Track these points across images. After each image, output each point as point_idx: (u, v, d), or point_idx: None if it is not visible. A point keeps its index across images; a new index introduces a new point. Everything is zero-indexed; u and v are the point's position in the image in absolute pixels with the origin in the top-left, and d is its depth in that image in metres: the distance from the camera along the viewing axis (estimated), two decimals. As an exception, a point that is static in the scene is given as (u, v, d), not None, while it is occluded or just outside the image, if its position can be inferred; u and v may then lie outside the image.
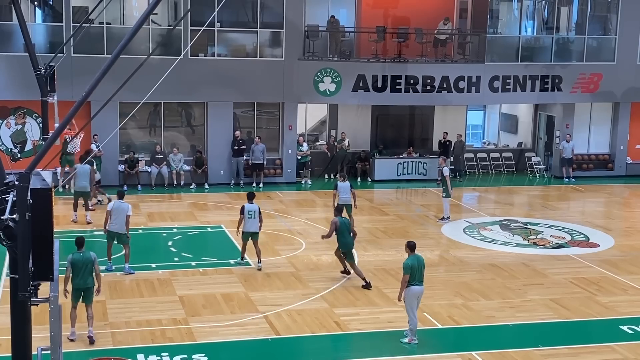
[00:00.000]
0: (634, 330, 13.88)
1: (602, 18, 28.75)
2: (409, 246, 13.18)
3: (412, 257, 13.02)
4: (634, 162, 28.79)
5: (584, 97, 27.84)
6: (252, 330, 13.49)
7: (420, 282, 13.02)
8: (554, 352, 12.93)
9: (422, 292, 13.12)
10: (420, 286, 13.03)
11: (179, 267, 16.93)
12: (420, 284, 13.01)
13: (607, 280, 16.61)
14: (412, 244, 13.22)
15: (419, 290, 13.02)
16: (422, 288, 13.10)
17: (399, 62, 26.28)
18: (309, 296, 15.24)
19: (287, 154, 26.09)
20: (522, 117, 30.06)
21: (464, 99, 27.10)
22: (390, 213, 22.56)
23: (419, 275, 12.95)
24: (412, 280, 12.87)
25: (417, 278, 12.92)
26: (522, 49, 27.47)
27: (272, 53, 25.93)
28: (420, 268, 12.99)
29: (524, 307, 14.95)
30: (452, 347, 13.07)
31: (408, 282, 12.84)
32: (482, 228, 20.99)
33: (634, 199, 25.55)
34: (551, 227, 21.15)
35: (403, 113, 28.34)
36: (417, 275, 12.93)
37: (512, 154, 29.34)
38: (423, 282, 13.09)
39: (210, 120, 25.48)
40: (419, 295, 13.05)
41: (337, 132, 27.60)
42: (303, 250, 18.48)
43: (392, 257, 18.07)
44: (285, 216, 21.82)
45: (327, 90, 25.79)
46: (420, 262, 13.03)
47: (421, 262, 13.05)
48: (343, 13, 27.92)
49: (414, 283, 12.90)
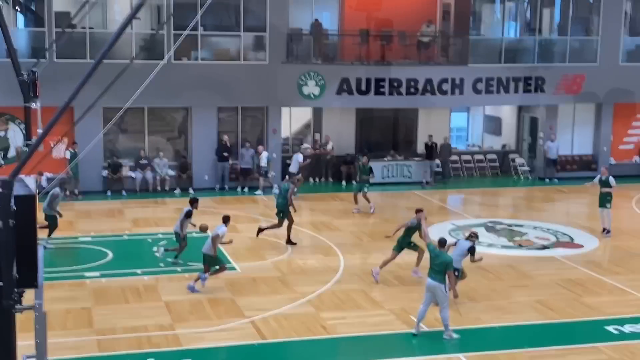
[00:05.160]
0: (619, 330, 13.94)
1: (584, 19, 28.93)
2: (439, 242, 13.56)
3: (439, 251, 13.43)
4: (617, 162, 28.97)
5: (567, 99, 27.99)
6: (239, 336, 13.44)
7: (430, 276, 13.28)
8: (541, 353, 12.97)
9: (429, 286, 13.35)
10: (432, 281, 13.25)
11: (164, 273, 16.84)
12: (429, 278, 13.28)
13: (592, 281, 16.68)
14: (440, 240, 13.61)
15: (429, 284, 13.32)
16: (430, 282, 13.30)
17: (383, 65, 26.32)
18: (296, 300, 15.20)
19: (272, 158, 26.04)
20: (505, 118, 30.18)
21: (447, 101, 27.17)
22: (375, 216, 22.55)
23: (433, 271, 13.26)
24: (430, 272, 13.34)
25: (432, 273, 13.30)
26: (505, 50, 27.57)
27: (256, 57, 25.89)
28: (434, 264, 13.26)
29: (510, 309, 14.99)
30: (439, 350, 13.08)
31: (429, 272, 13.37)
32: (466, 230, 21.00)
33: (618, 199, 25.63)
34: (536, 229, 21.24)
35: (387, 116, 28.39)
36: (432, 270, 13.28)
37: (496, 156, 29.44)
38: (434, 277, 13.24)
39: (194, 124, 25.41)
40: (430, 288, 13.32)
41: (321, 135, 27.60)
42: (289, 255, 18.44)
43: (378, 260, 18.02)
44: (270, 220, 21.76)
45: (311, 94, 25.79)
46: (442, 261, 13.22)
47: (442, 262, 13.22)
48: (326, 16, 27.93)
49: (430, 276, 13.32)
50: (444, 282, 13.22)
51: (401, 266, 17.54)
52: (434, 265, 13.32)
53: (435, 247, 13.51)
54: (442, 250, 13.51)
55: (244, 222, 21.51)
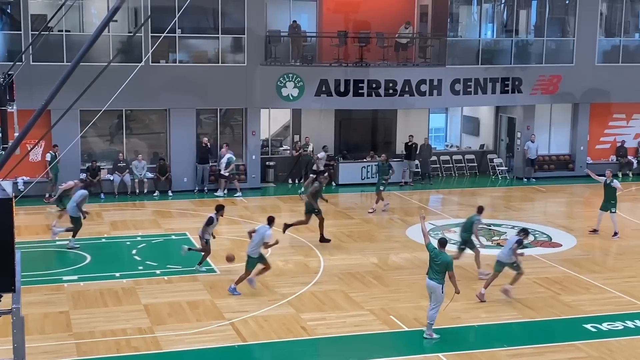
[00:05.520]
0: (597, 328, 14.07)
1: (560, 20, 29.18)
2: (439, 242, 13.62)
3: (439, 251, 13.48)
4: (594, 162, 29.23)
5: (544, 99, 28.21)
6: (219, 338, 13.42)
7: (436, 279, 13.34)
8: (520, 351, 13.06)
9: (428, 286, 13.49)
10: (435, 283, 13.35)
11: (143, 276, 16.78)
12: (435, 281, 13.34)
13: (570, 280, 16.82)
14: (440, 240, 13.66)
15: (432, 285, 13.39)
16: (428, 282, 13.44)
17: (361, 66, 26.38)
18: (275, 302, 15.20)
19: (251, 160, 26.04)
20: (483, 119, 30.37)
21: (426, 102, 27.28)
22: (355, 217, 22.61)
23: (433, 271, 13.37)
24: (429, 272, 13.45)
25: (432, 273, 13.42)
26: (482, 51, 27.75)
27: (234, 59, 25.86)
28: (439, 265, 13.31)
29: (489, 308, 15.08)
30: (419, 349, 13.14)
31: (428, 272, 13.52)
32: (446, 230, 21.14)
33: (595, 198, 25.87)
34: (514, 228, 21.36)
35: (366, 117, 28.46)
36: (432, 271, 13.40)
37: (475, 156, 29.61)
38: (433, 278, 13.35)
39: (172, 127, 25.34)
40: (430, 288, 13.44)
41: (300, 137, 27.61)
42: (268, 256, 18.40)
43: (357, 261, 18.11)
44: (250, 222, 21.74)
45: (290, 96, 25.79)
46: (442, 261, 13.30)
47: (442, 262, 13.30)
48: (304, 18, 27.96)
49: (429, 277, 13.44)
50: (442, 283, 13.30)
51: (380, 267, 17.60)
52: (433, 265, 13.39)
53: (435, 247, 13.55)
54: (442, 250, 13.51)
55: (223, 224, 21.46)
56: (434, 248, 13.52)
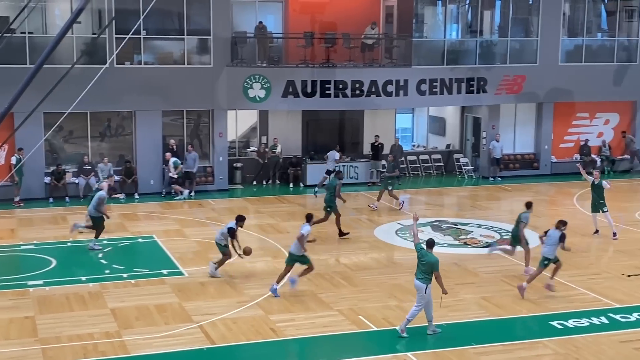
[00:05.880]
0: (564, 325, 14.24)
1: (524, 21, 29.48)
2: (427, 243, 13.71)
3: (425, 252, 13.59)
4: (558, 160, 29.60)
5: (509, 99, 28.47)
6: (187, 341, 13.35)
7: (422, 279, 13.44)
8: (487, 349, 13.17)
9: (415, 286, 13.55)
10: (420, 282, 13.45)
11: (110, 280, 16.62)
12: (421, 281, 13.45)
13: (537, 278, 16.97)
14: (428, 241, 13.75)
15: (418, 285, 13.49)
16: (416, 282, 13.51)
17: (328, 67, 26.40)
18: (244, 304, 15.16)
19: (218, 162, 25.93)
20: (449, 119, 30.57)
21: (392, 103, 27.39)
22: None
23: (420, 272, 13.49)
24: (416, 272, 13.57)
25: (419, 273, 13.54)
26: (447, 52, 27.93)
27: (200, 60, 25.74)
28: (424, 265, 13.42)
29: (457, 307, 15.18)
30: (387, 349, 13.18)
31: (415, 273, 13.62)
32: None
33: (560, 196, 26.24)
34: (480, 227, 21.55)
35: (333, 118, 28.49)
36: (419, 271, 13.52)
37: (441, 156, 29.80)
38: (419, 277, 13.45)
39: (138, 129, 25.15)
40: (419, 291, 13.49)
41: (268, 138, 27.56)
42: (237, 258, 18.36)
43: (326, 261, 18.12)
44: (218, 224, 21.65)
45: (257, 97, 25.73)
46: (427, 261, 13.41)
47: (428, 262, 13.40)
48: (270, 19, 27.92)
49: (416, 277, 13.55)
50: (427, 283, 13.37)
51: (349, 267, 17.64)
52: (420, 265, 13.49)
53: (423, 248, 13.64)
54: (429, 251, 13.57)
55: (191, 226, 21.37)
56: (422, 248, 13.61)
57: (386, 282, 16.63)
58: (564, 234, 15.63)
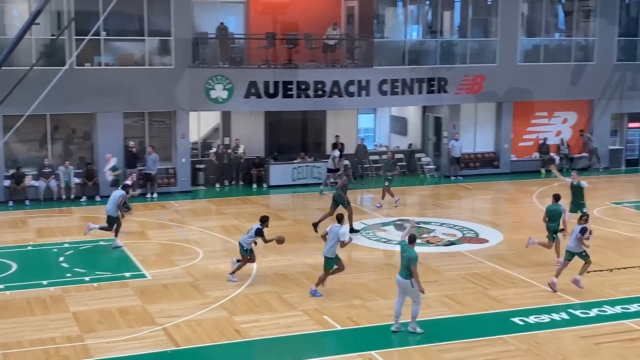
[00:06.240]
0: (525, 321, 14.43)
1: (483, 21, 29.80)
2: (409, 238, 13.87)
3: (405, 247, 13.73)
4: (518, 159, 29.98)
5: (469, 98, 28.77)
6: (151, 344, 13.27)
7: (400, 273, 13.64)
8: (450, 346, 13.30)
9: (398, 282, 13.71)
10: (399, 277, 13.63)
11: (71, 283, 16.46)
12: (399, 276, 13.64)
13: (497, 275, 17.20)
14: (410, 237, 13.90)
15: (398, 280, 13.70)
16: (399, 278, 13.66)
17: (290, 67, 26.42)
18: (208, 305, 15.12)
19: (181, 163, 25.81)
20: (411, 119, 30.79)
21: (354, 103, 27.50)
22: (287, 218, 22.64)
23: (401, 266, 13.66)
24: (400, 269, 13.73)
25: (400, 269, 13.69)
26: (408, 52, 28.12)
27: (162, 61, 25.59)
28: (402, 260, 13.61)
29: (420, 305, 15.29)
30: (352, 348, 13.24)
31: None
32: (377, 229, 21.37)
33: (520, 194, 26.58)
34: (442, 225, 21.75)
35: (296, 118, 28.51)
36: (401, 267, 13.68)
37: (403, 155, 30.00)
38: (403, 274, 13.56)
39: (99, 131, 24.91)
40: (399, 285, 13.68)
41: (231, 139, 27.49)
42: (200, 260, 18.32)
43: (290, 262, 18.15)
44: (181, 226, 21.57)
45: (219, 98, 25.65)
46: (404, 256, 13.57)
47: (404, 257, 13.56)
48: (232, 20, 27.85)
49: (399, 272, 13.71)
50: (410, 277, 13.52)
51: (313, 267, 17.67)
52: (402, 259, 13.67)
53: (406, 243, 13.82)
54: (411, 246, 13.74)
55: (153, 228, 21.24)
56: (405, 244, 13.81)
57: (350, 281, 16.70)
58: (584, 227, 15.87)
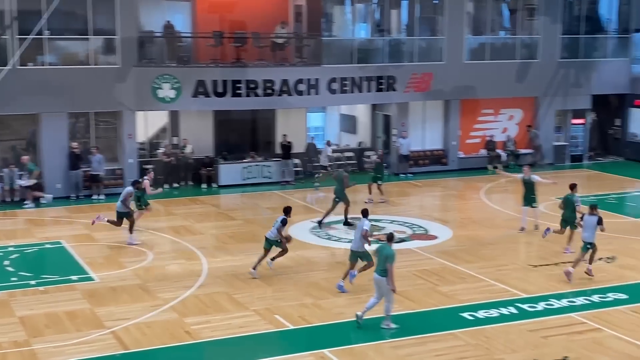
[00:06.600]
0: (474, 316, 14.61)
1: (430, 20, 30.06)
2: (387, 237, 14.15)
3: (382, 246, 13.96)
4: (465, 156, 30.33)
5: (417, 96, 29.00)
6: (100, 347, 13.08)
7: (376, 271, 13.83)
8: (402, 342, 13.38)
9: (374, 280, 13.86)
10: (376, 275, 13.79)
11: (17, 287, 16.12)
12: (376, 273, 13.81)
13: (446, 271, 17.37)
14: (388, 235, 14.15)
15: (375, 278, 13.85)
16: (375, 275, 13.84)
17: (239, 66, 26.29)
18: (158, 307, 14.96)
19: (128, 164, 25.47)
20: (360, 117, 30.91)
21: (304, 102, 27.48)
22: (237, 218, 22.52)
23: (378, 266, 13.87)
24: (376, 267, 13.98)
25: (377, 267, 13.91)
26: (357, 51, 28.22)
27: (107, 60, 25.21)
28: (380, 258, 13.79)
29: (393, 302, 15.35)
30: (304, 347, 13.23)
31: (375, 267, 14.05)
32: (327, 227, 21.39)
33: (468, 191, 26.89)
34: (393, 222, 21.88)
35: (245, 117, 28.38)
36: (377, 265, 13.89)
37: (353, 154, 30.10)
38: (380, 272, 13.73)
39: (43, 132, 24.44)
40: (376, 282, 13.82)
41: (179, 139, 27.22)
42: (150, 261, 18.10)
43: (241, 262, 18.06)
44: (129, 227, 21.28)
45: (167, 97, 25.38)
46: (381, 254, 13.78)
47: (382, 255, 13.77)
48: (179, 18, 27.59)
49: (375, 270, 13.95)
50: (386, 275, 13.65)
51: (265, 266, 17.60)
52: (379, 257, 13.82)
53: (383, 242, 14.02)
54: (388, 244, 13.90)
55: (100, 230, 20.92)
56: (382, 243, 14.04)
57: (302, 280, 16.70)
58: (600, 218, 16.41)
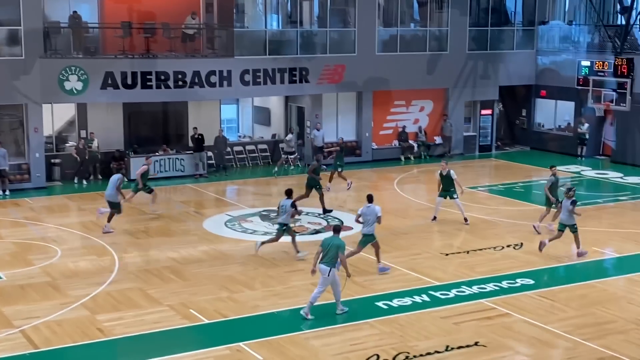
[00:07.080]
0: (389, 305, 14.81)
1: (342, 11, 30.23)
2: (333, 228, 14.51)
3: (331, 238, 14.13)
4: (378, 147, 30.68)
5: (330, 88, 29.14)
6: (8, 347, 12.67)
7: (326, 262, 13.87)
8: (317, 333, 13.45)
9: (321, 269, 13.90)
10: (324, 266, 13.86)
11: None
12: (325, 264, 13.86)
13: (362, 261, 17.50)
14: (334, 227, 14.48)
15: (322, 269, 13.90)
16: (326, 268, 13.84)
17: (148, 57, 25.81)
18: (68, 305, 14.58)
19: (35, 158, 24.70)
20: (274, 109, 30.85)
21: (216, 94, 27.24)
22: (149, 212, 22.14)
23: (326, 256, 13.91)
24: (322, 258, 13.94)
25: (325, 258, 13.93)
26: (269, 42, 28.12)
27: (10, 52, 24.36)
28: (329, 250, 13.90)
29: (287, 294, 15.39)
30: (220, 341, 13.14)
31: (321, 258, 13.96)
32: (242, 220, 21.29)
33: (382, 182, 27.20)
34: (308, 214, 21.94)
35: (156, 110, 27.93)
36: (325, 256, 13.92)
37: (267, 146, 30.03)
38: (325, 262, 13.85)
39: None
40: (323, 274, 13.89)
41: (87, 132, 26.56)
42: (59, 258, 17.62)
43: (154, 256, 17.80)
44: (37, 223, 20.66)
45: (74, 89, 24.71)
46: (332, 244, 13.92)
47: (333, 245, 13.92)
48: (85, 8, 26.88)
49: (321, 261, 13.93)
50: (332, 266, 13.80)
51: (178, 261, 17.41)
52: (328, 251, 13.89)
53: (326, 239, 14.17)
54: (336, 235, 14.15)
55: (6, 226, 20.24)
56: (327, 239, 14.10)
57: (217, 274, 16.56)
58: (574, 200, 17.50)
